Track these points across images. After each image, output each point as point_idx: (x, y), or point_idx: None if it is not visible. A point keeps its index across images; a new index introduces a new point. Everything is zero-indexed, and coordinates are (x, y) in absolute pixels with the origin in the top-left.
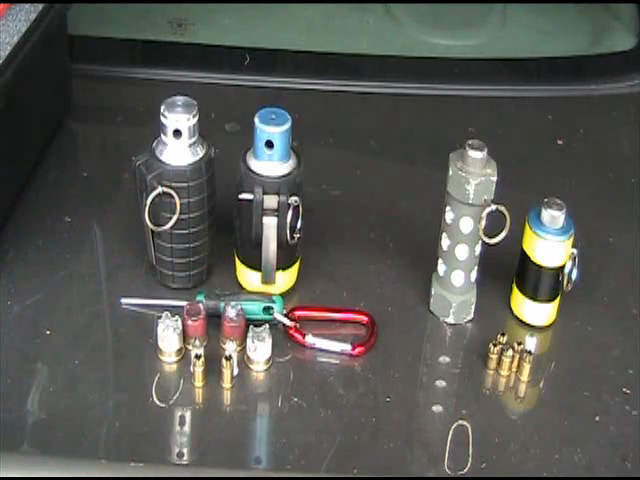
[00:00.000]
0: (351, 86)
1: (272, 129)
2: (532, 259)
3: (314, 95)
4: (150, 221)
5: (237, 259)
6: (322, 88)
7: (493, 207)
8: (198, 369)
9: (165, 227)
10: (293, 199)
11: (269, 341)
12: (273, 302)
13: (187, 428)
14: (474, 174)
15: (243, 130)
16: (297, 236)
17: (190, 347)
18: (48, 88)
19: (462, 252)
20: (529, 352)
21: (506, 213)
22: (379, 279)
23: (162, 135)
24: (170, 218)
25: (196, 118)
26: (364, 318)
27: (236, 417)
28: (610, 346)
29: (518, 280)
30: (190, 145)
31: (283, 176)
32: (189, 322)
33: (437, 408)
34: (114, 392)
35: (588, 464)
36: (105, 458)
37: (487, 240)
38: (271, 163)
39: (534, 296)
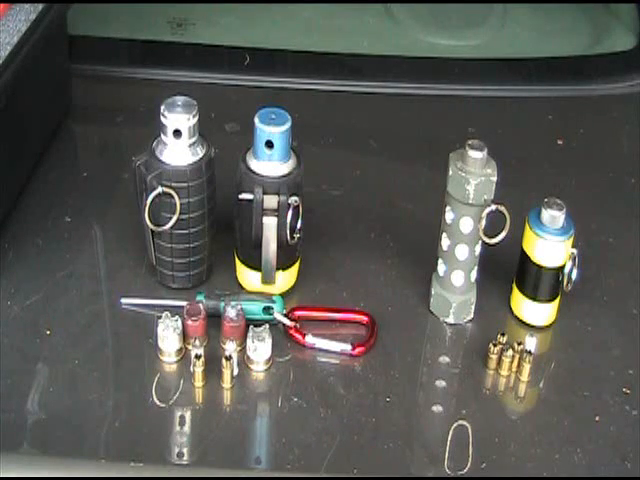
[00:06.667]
0: (351, 86)
1: (272, 129)
2: (532, 259)
3: (314, 95)
4: (150, 221)
5: (237, 259)
6: (322, 88)
7: (493, 207)
8: (198, 369)
9: (165, 227)
10: (293, 199)
11: (269, 341)
12: (273, 302)
13: (187, 428)
14: (474, 174)
15: (243, 130)
16: (297, 236)
17: (190, 347)
18: (48, 88)
19: (462, 252)
20: (529, 352)
21: (506, 213)
22: (379, 279)
23: (162, 135)
24: (170, 218)
25: (196, 118)
26: (364, 318)
27: (236, 417)
28: (610, 346)
29: (518, 280)
30: (190, 145)
31: (283, 176)
32: (189, 322)
33: (437, 408)
34: (114, 392)
35: (588, 464)
36: (105, 458)
37: (487, 240)
38: (271, 163)
39: (534, 296)
